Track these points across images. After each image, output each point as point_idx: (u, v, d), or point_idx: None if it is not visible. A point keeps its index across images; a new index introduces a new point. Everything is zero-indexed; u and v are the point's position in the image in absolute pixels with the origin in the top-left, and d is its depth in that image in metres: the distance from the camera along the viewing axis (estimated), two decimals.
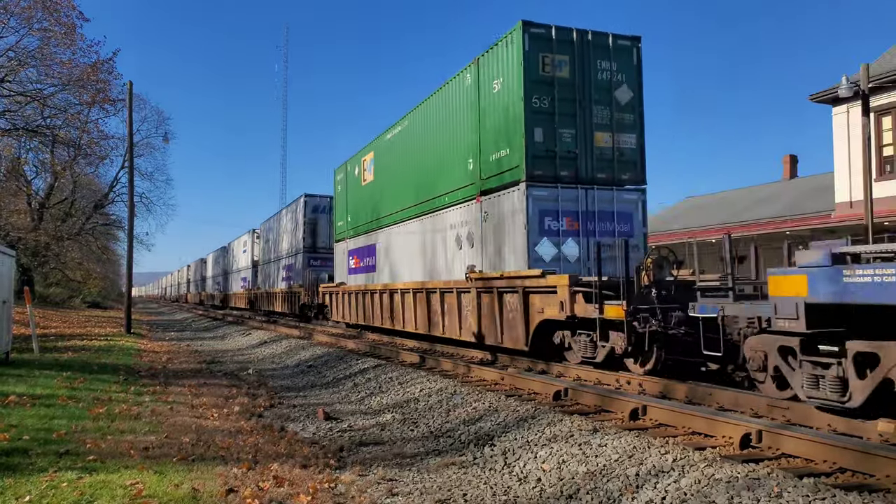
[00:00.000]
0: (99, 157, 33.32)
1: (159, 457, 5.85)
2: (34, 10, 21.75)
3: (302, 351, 16.14)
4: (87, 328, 23.80)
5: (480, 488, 5.37)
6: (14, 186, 31.23)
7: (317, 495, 5.03)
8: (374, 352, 14.54)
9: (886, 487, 4.43)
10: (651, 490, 4.78)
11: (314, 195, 29.32)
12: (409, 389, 9.65)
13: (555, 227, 11.27)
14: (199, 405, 8.90)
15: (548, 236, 11.18)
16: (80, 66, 23.45)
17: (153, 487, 4.91)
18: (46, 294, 38.71)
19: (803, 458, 5.18)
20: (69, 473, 5.12)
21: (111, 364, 13.03)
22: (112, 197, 45.44)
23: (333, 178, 23.89)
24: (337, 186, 23.50)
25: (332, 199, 26.82)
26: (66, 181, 36.39)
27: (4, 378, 9.93)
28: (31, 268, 34.92)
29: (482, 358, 12.60)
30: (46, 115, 24.96)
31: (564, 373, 10.17)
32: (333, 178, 23.89)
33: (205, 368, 13.80)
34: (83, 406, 8.12)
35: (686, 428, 6.29)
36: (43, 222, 35.17)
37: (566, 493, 5.04)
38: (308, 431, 7.68)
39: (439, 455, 6.47)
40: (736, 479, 4.60)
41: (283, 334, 21.08)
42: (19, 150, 29.66)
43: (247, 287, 42.08)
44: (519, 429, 6.76)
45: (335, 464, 6.08)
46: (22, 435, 6.32)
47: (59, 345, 16.19)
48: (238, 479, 5.28)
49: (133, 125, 24.09)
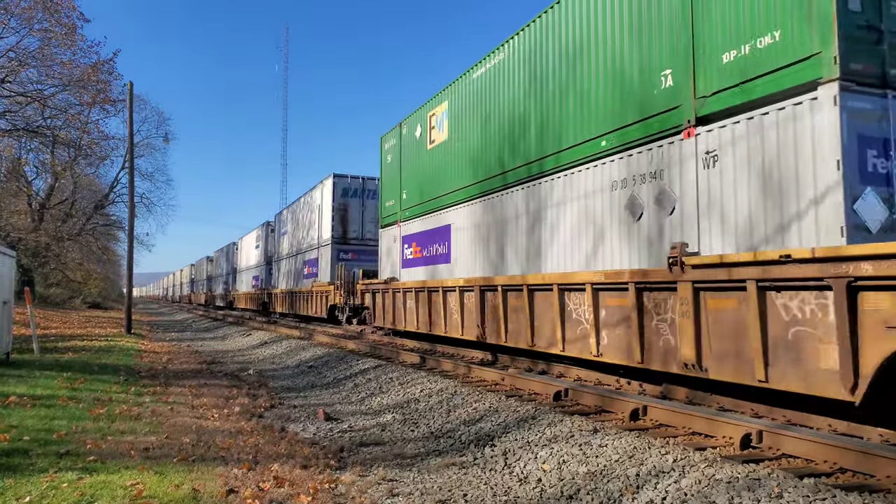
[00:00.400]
0: (99, 158, 33.42)
1: (160, 457, 5.85)
2: (35, 10, 21.79)
3: (302, 351, 16.13)
4: (87, 329, 23.81)
5: (481, 489, 5.37)
6: (15, 187, 31.28)
7: (317, 496, 5.03)
8: (375, 352, 14.54)
9: (887, 488, 4.43)
10: (651, 490, 4.78)
11: (343, 175, 25.04)
12: (409, 390, 9.65)
13: (884, 168, 6.23)
14: (200, 406, 8.90)
15: (874, 185, 6.15)
16: (80, 66, 23.51)
17: (153, 488, 4.91)
18: (47, 294, 38.71)
19: (804, 459, 5.18)
20: (69, 474, 5.12)
21: (112, 364, 13.03)
22: (112, 197, 45.57)
23: (380, 147, 19.23)
24: (386, 157, 18.65)
25: (364, 181, 24.70)
26: (67, 182, 36.45)
27: (5, 378, 9.93)
28: (31, 268, 34.93)
29: (482, 358, 12.60)
30: (47, 115, 24.99)
31: (565, 373, 10.18)
32: (380, 147, 19.23)
33: (205, 369, 13.80)
34: (83, 407, 8.12)
35: (686, 428, 6.29)
36: (43, 223, 35.22)
37: (567, 494, 5.04)
38: (308, 432, 7.68)
39: (440, 455, 6.47)
40: (736, 480, 4.59)
41: (283, 335, 21.09)
42: (20, 151, 29.73)
43: (258, 287, 38.35)
44: (519, 429, 6.76)
45: (336, 464, 6.08)
46: (22, 435, 6.32)
47: (60, 345, 16.19)
48: (238, 480, 5.28)
49: (133, 126, 24.09)
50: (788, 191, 6.42)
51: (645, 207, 8.26)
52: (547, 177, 10.45)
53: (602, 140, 9.08)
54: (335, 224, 24.62)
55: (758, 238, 6.73)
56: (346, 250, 24.60)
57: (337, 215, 24.69)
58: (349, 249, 24.63)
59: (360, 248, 24.58)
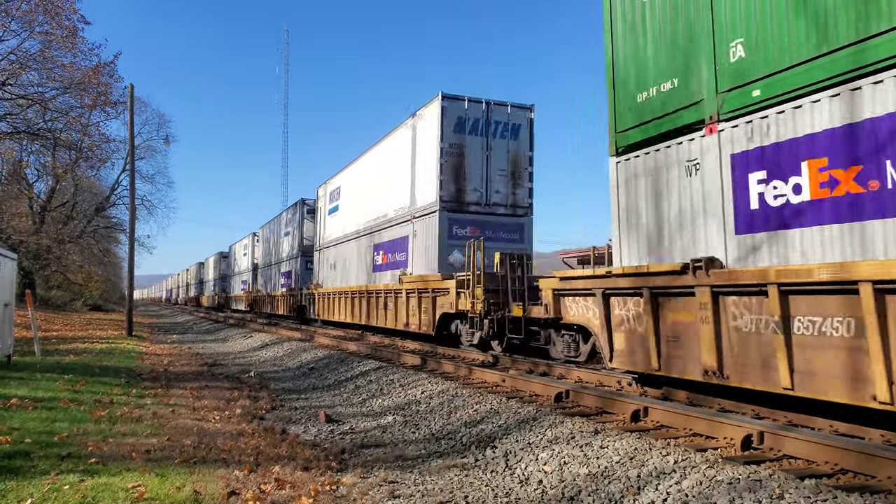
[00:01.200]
0: (100, 160, 33.45)
1: (161, 459, 5.85)
2: (36, 13, 21.84)
3: (303, 353, 16.14)
4: (88, 331, 23.82)
5: (482, 490, 5.37)
6: (16, 190, 31.33)
7: (318, 497, 5.04)
8: (376, 354, 14.54)
9: (888, 489, 4.43)
10: (653, 492, 4.78)
11: (458, 97, 16.12)
12: (410, 391, 9.65)
13: None
14: (201, 408, 8.90)
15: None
16: (81, 69, 23.53)
17: (155, 490, 4.91)
18: (48, 297, 38.75)
19: (805, 460, 5.18)
20: (71, 476, 5.12)
21: (113, 367, 13.04)
22: (113, 200, 45.69)
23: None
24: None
25: (489, 107, 15.96)
26: (68, 184, 36.49)
27: (6, 381, 9.94)
28: (32, 271, 34.98)
29: (483, 360, 12.60)
30: (48, 118, 25.04)
31: (566, 375, 10.17)
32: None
33: (206, 371, 13.81)
34: (85, 409, 8.12)
35: (687, 429, 6.29)
36: (44, 225, 35.25)
37: (568, 495, 5.04)
38: (310, 434, 7.68)
39: (441, 457, 6.47)
40: (737, 481, 4.59)
41: (284, 337, 21.09)
42: (21, 154, 29.77)
43: (290, 286, 31.86)
44: (520, 431, 6.76)
45: (337, 466, 6.09)
46: (24, 438, 6.33)
47: (61, 348, 16.20)
48: (240, 482, 5.28)
49: (134, 128, 24.13)
50: None
51: None
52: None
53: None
54: (445, 178, 15.42)
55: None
56: (461, 222, 15.56)
57: (447, 164, 15.46)
58: (467, 221, 15.60)
59: (483, 219, 15.70)
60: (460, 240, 15.20)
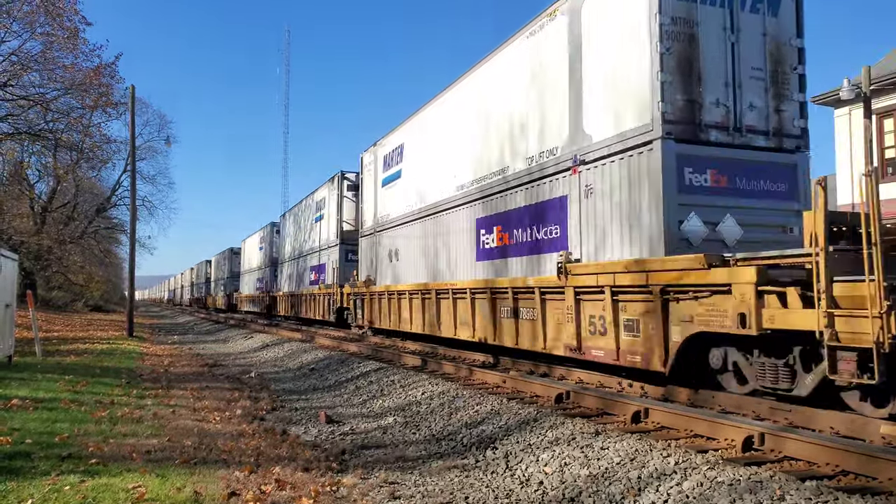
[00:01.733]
0: (101, 161, 33.40)
1: (161, 460, 5.85)
2: (37, 14, 21.82)
3: (304, 354, 16.14)
4: (89, 332, 23.84)
5: (482, 491, 5.37)
6: (17, 190, 31.35)
7: (319, 498, 5.04)
8: (376, 355, 14.53)
9: (889, 490, 4.43)
10: (653, 493, 4.78)
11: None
12: (410, 392, 9.65)
13: None
14: (202, 408, 8.91)
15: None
16: (82, 70, 23.50)
17: (155, 491, 4.91)
18: (49, 298, 38.77)
19: (806, 461, 5.17)
20: (72, 477, 5.12)
21: (113, 367, 13.05)
22: (114, 200, 45.74)
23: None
24: None
25: None
26: (69, 185, 36.51)
27: (7, 381, 9.95)
28: (33, 271, 34.98)
29: (484, 361, 12.59)
30: (49, 118, 25.02)
31: (567, 376, 10.16)
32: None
33: (207, 372, 13.81)
34: (86, 409, 8.12)
35: (688, 431, 6.29)
36: (45, 226, 35.27)
37: (568, 496, 5.04)
38: (310, 435, 7.68)
39: (441, 458, 6.47)
40: (738, 482, 4.59)
41: (285, 338, 21.10)
42: (22, 154, 29.75)
43: (322, 281, 27.13)
44: (521, 432, 6.76)
45: (337, 467, 6.09)
46: (24, 438, 6.33)
47: (62, 348, 16.22)
48: (240, 483, 5.28)
49: (135, 129, 24.14)
50: None
51: None
52: None
53: None
54: (668, 81, 8.29)
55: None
56: (698, 161, 8.45)
57: (669, 56, 8.34)
58: (705, 159, 8.50)
59: (733, 158, 8.64)
60: (694, 195, 8.36)
